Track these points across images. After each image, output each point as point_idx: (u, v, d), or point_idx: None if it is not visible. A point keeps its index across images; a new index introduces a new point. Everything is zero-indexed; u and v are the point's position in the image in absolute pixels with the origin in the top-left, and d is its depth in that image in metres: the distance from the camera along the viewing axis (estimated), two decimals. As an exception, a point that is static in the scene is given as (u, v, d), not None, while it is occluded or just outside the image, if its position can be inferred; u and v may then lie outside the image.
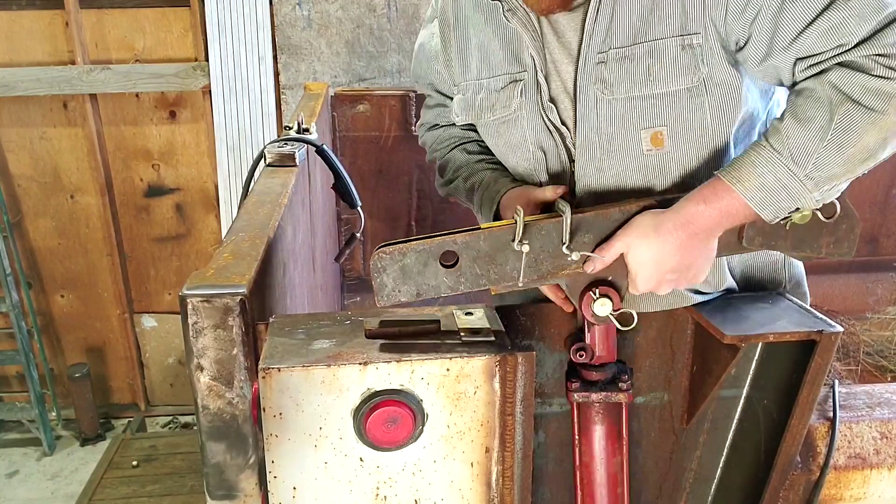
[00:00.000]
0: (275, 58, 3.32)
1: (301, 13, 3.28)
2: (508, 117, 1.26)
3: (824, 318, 1.14)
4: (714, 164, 1.17)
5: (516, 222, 1.05)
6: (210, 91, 3.31)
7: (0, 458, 3.46)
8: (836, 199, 1.08)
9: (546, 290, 1.19)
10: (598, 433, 1.15)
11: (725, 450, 1.29)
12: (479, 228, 1.09)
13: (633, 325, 1.08)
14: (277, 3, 3.26)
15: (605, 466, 1.16)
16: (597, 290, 1.08)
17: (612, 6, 1.13)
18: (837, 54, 1.02)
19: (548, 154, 1.25)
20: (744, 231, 1.10)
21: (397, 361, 1.05)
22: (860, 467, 1.26)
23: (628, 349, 1.21)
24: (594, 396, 1.12)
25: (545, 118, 1.23)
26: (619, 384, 1.12)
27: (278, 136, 1.93)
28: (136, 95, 3.37)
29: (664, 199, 1.11)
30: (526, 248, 1.04)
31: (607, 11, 1.14)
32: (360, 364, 1.05)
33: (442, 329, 1.12)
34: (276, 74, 3.34)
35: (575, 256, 1.06)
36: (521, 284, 1.08)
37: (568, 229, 1.05)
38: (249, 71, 3.30)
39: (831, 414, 1.26)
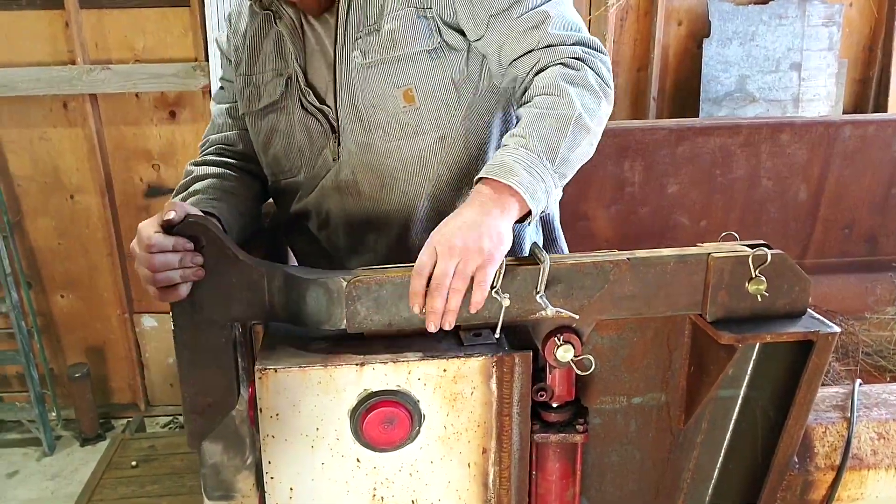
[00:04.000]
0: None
1: (301, 13, 3.28)
2: (275, 106, 1.43)
3: (821, 318, 1.14)
4: (463, 123, 1.36)
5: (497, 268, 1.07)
6: (210, 91, 3.31)
7: (0, 458, 3.46)
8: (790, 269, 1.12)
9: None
10: (554, 469, 1.18)
11: (723, 450, 1.29)
12: None
13: (591, 370, 1.12)
14: (277, 4, 3.26)
15: (559, 500, 1.20)
16: (561, 337, 1.12)
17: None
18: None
19: (312, 134, 1.41)
20: (707, 304, 1.13)
21: (394, 362, 1.06)
22: (857, 468, 1.26)
23: (625, 350, 1.22)
24: (553, 438, 1.16)
25: (305, 101, 1.40)
26: (577, 426, 1.16)
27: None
28: (136, 95, 3.37)
29: (633, 254, 1.13)
30: (507, 303, 1.06)
31: (358, 2, 1.34)
32: (356, 364, 1.05)
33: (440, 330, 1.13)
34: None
35: (549, 312, 1.09)
36: (496, 334, 1.10)
37: (544, 279, 1.07)
38: (249, 71, 3.30)
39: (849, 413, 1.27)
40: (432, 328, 1.06)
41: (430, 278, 1.05)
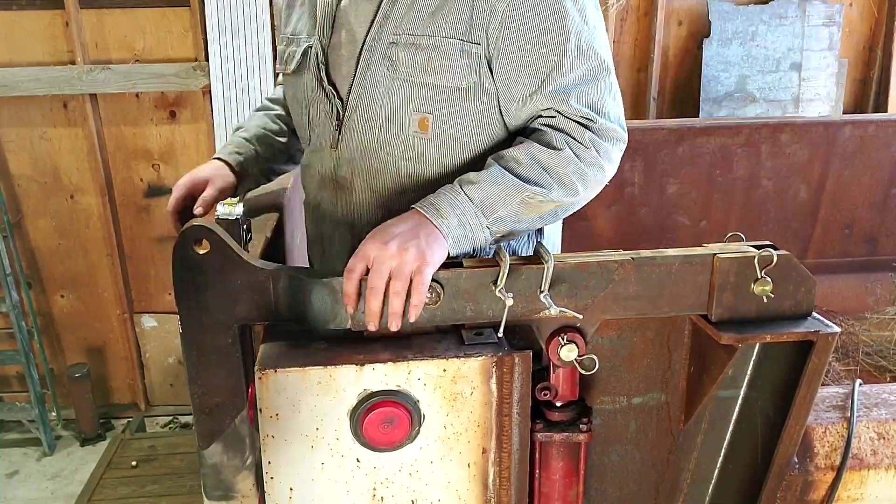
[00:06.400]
0: (275, 58, 3.32)
1: (301, 13, 3.28)
2: (295, 71, 1.41)
3: (821, 318, 1.14)
4: (465, 163, 1.31)
5: (500, 266, 1.07)
6: (210, 91, 3.31)
7: (0, 458, 3.46)
8: (794, 272, 1.11)
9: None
10: (558, 468, 1.18)
11: (723, 450, 1.29)
12: (462, 265, 1.09)
13: (595, 370, 1.12)
14: (278, 3, 3.26)
15: (562, 499, 1.20)
16: (565, 336, 1.12)
17: None
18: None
19: (320, 113, 1.38)
20: (713, 305, 1.13)
21: (394, 362, 1.06)
22: (857, 468, 1.26)
23: (626, 350, 1.22)
24: (556, 437, 1.16)
25: (319, 78, 1.36)
26: (580, 426, 1.16)
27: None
28: (136, 95, 3.37)
29: (637, 254, 1.13)
30: (510, 302, 1.06)
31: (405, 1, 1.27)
32: (356, 364, 1.05)
33: (441, 329, 1.13)
34: (276, 75, 3.34)
35: (553, 312, 1.08)
36: (499, 333, 1.10)
37: (548, 278, 1.07)
38: (249, 71, 3.30)
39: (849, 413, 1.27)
40: (372, 327, 1.07)
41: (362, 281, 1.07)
